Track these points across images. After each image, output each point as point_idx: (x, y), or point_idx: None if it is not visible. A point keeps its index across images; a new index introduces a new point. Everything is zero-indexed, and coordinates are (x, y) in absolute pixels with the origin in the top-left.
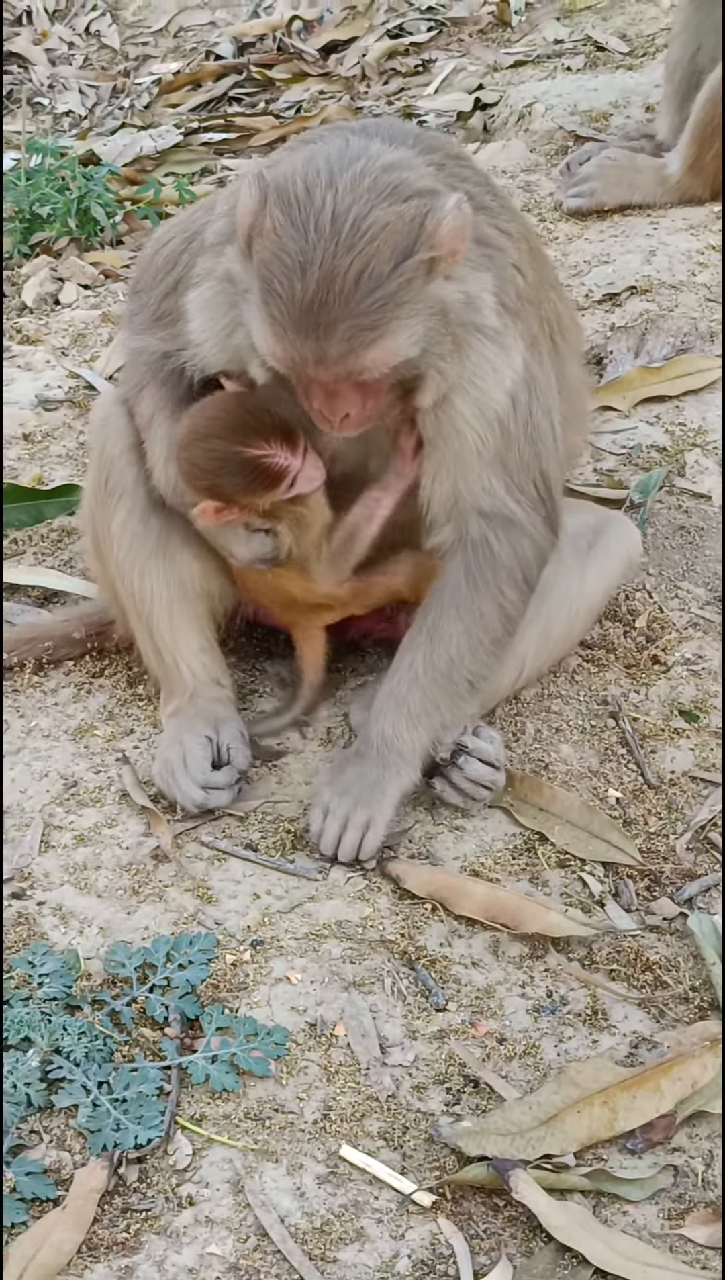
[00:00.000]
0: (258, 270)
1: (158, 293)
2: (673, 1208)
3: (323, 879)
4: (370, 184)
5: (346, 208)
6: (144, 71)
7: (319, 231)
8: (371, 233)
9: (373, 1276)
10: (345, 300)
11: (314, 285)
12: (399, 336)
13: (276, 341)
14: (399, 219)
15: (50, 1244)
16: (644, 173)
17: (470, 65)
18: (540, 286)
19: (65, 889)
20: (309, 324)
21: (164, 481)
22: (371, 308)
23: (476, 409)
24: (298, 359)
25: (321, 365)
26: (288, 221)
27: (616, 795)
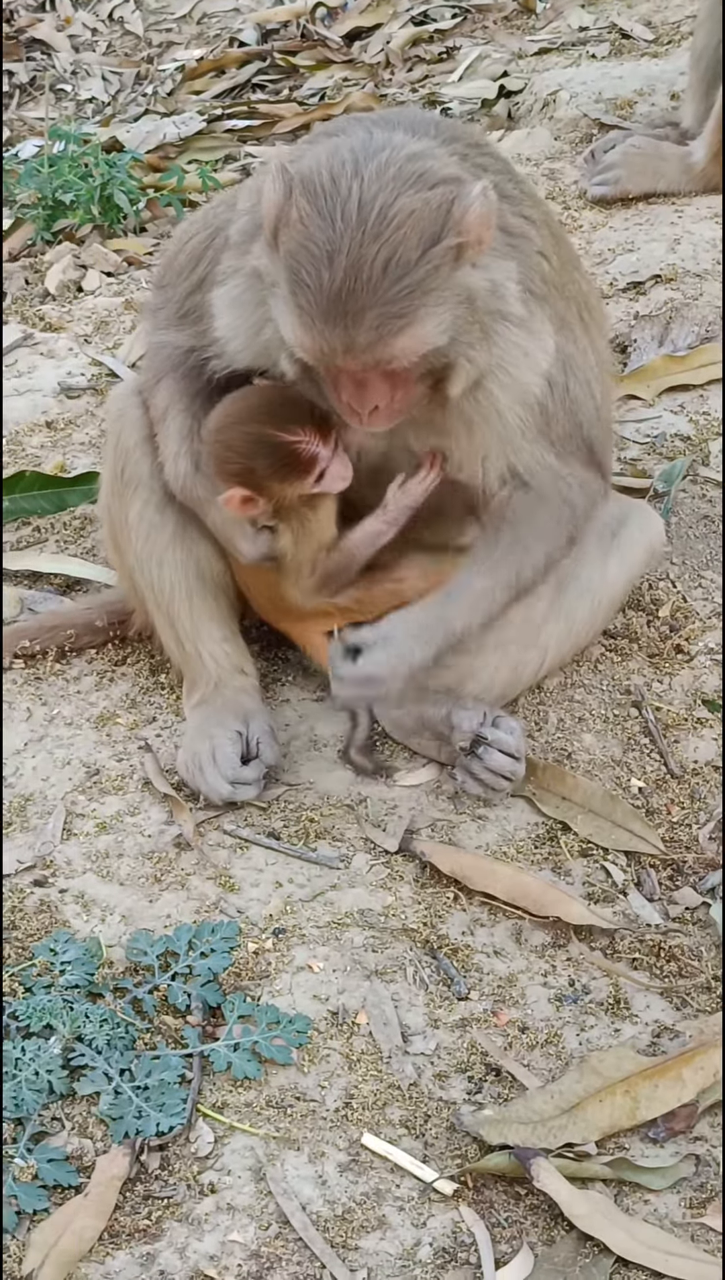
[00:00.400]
0: (285, 261)
1: (182, 289)
2: (694, 1197)
3: (345, 868)
4: (396, 172)
5: (372, 195)
6: (167, 58)
7: (346, 220)
8: (398, 220)
9: (394, 1264)
10: (373, 288)
11: (342, 274)
12: (427, 324)
13: (305, 331)
14: (425, 205)
15: (72, 1231)
16: (669, 161)
17: (495, 52)
18: (564, 270)
19: (87, 877)
20: (337, 313)
21: (174, 475)
22: (399, 295)
23: (513, 394)
24: (326, 349)
25: (350, 354)
26: (314, 211)
27: (639, 785)
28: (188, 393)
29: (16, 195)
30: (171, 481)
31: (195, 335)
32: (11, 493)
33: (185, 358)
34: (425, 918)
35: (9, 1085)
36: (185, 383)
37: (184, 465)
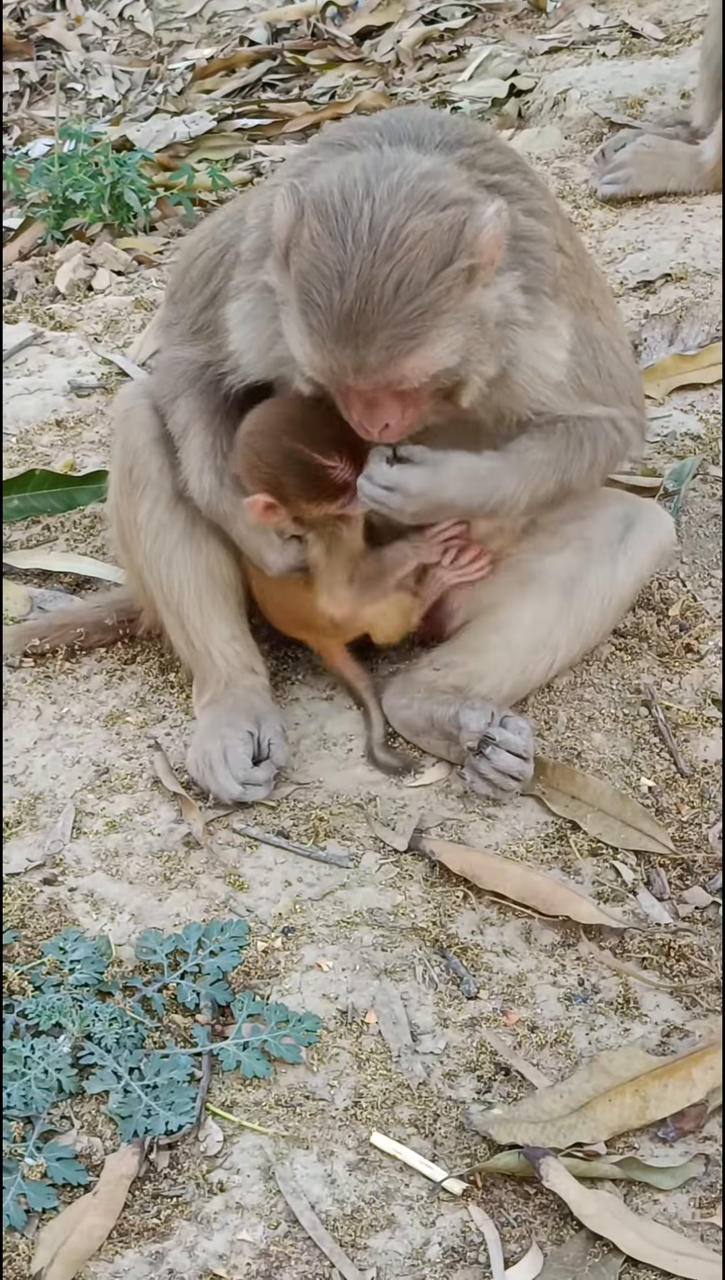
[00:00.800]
0: (296, 281)
1: (195, 305)
2: (704, 1196)
3: (354, 867)
4: (408, 192)
5: (384, 216)
6: (178, 57)
7: (357, 240)
8: (410, 241)
9: (403, 1264)
10: (384, 309)
11: (352, 294)
12: (438, 345)
13: (315, 351)
14: (438, 227)
15: (81, 1230)
16: (679, 159)
17: (505, 51)
18: (580, 255)
19: (97, 875)
20: (348, 333)
21: (199, 491)
22: (411, 316)
23: (538, 383)
24: (337, 368)
25: (361, 374)
26: (325, 231)
27: (649, 784)
28: (207, 409)
29: (27, 194)
30: (196, 498)
31: (210, 350)
32: (21, 491)
33: (201, 372)
34: (434, 917)
35: (19, 1084)
36: (203, 399)
37: (208, 481)
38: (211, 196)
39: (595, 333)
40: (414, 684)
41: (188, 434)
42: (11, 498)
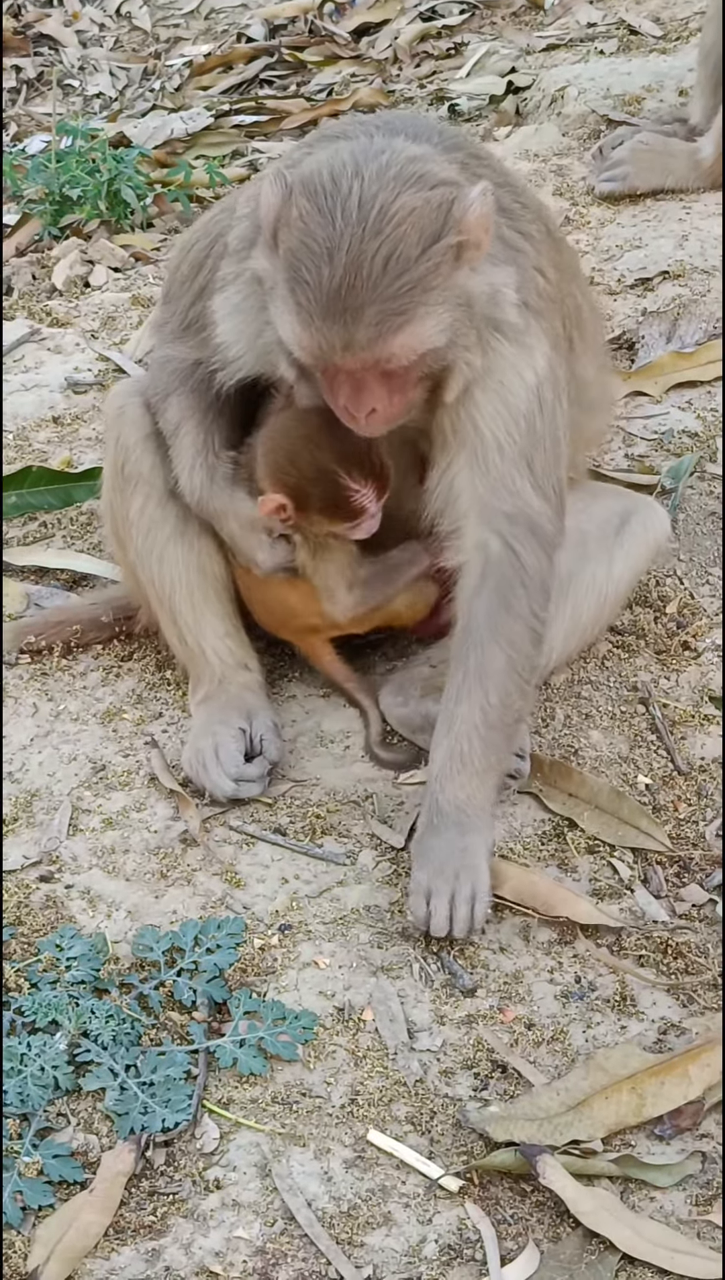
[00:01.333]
0: (285, 259)
1: (185, 300)
2: (700, 1194)
3: (351, 864)
4: (397, 173)
5: (373, 194)
6: (175, 54)
7: (346, 217)
8: (398, 217)
9: (400, 1261)
10: (373, 285)
11: (342, 270)
12: (427, 323)
13: (303, 329)
14: (426, 204)
15: (77, 1227)
16: (677, 157)
17: (503, 48)
18: (562, 283)
19: (93, 872)
20: (336, 309)
21: (189, 489)
22: (399, 292)
23: (500, 405)
24: (325, 345)
25: (349, 351)
26: (314, 209)
27: (646, 781)
28: (199, 407)
29: (24, 190)
30: (186, 495)
31: (199, 345)
32: (19, 488)
33: (193, 370)
34: None
35: (15, 1081)
36: (195, 397)
37: (200, 478)
38: (209, 193)
39: (558, 376)
40: (411, 681)
41: (179, 432)
42: (9, 494)
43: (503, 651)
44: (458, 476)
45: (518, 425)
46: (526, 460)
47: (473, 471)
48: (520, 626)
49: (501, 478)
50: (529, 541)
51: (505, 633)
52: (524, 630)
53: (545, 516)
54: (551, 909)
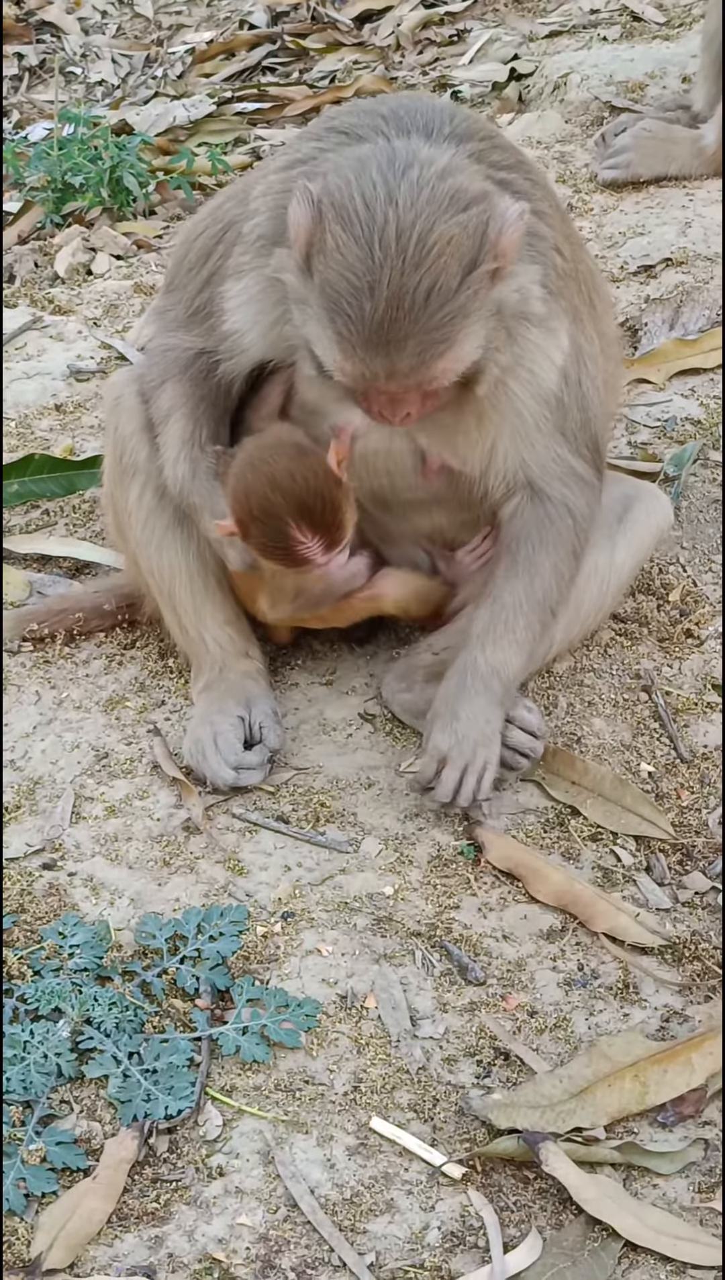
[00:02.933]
0: (321, 288)
1: (192, 287)
2: (703, 1181)
3: (354, 851)
4: (429, 195)
5: (410, 223)
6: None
7: (384, 249)
8: (438, 248)
9: (403, 1248)
10: (415, 317)
11: (383, 304)
12: (466, 345)
13: (345, 358)
14: (463, 231)
15: (80, 1214)
16: (680, 144)
17: (505, 35)
18: (575, 256)
19: (96, 860)
20: (379, 341)
21: (172, 479)
22: (441, 322)
23: (531, 390)
24: (368, 374)
25: (392, 380)
26: (351, 240)
27: (649, 769)
28: (193, 396)
29: (26, 178)
30: (170, 484)
31: (204, 334)
32: (21, 476)
33: (193, 360)
34: (435, 902)
35: (18, 1068)
36: (190, 385)
37: (182, 470)
38: (211, 180)
39: (583, 348)
40: (414, 668)
41: (169, 420)
42: (11, 482)
43: (548, 555)
44: (501, 451)
45: (549, 404)
46: (560, 431)
47: (517, 445)
48: (563, 543)
49: (544, 449)
50: (571, 489)
51: (550, 541)
52: (566, 546)
53: (584, 471)
54: (590, 921)
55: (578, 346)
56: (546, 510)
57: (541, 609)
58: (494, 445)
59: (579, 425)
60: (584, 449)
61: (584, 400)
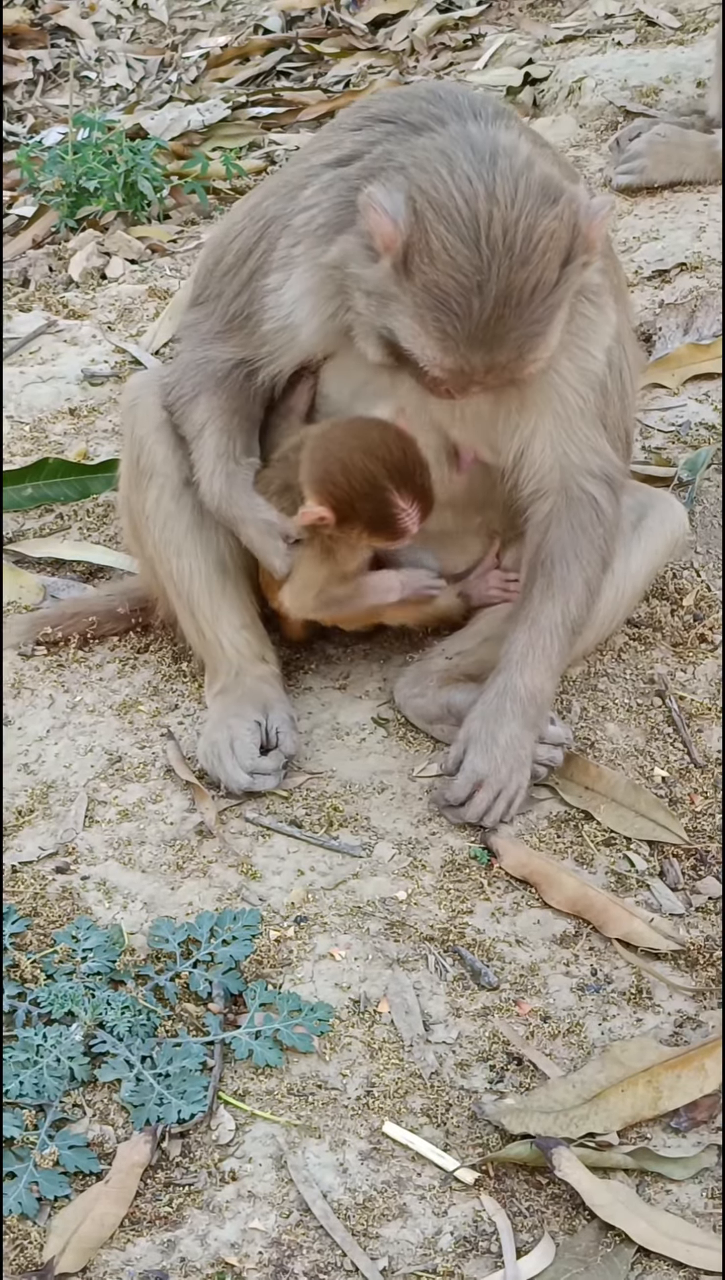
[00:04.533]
0: (424, 288)
1: (230, 292)
2: (716, 1187)
3: (367, 856)
4: (524, 189)
5: (514, 220)
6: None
7: (492, 248)
8: (543, 245)
9: (415, 1253)
10: (519, 313)
11: (493, 303)
12: (556, 334)
13: (446, 355)
14: (560, 224)
15: (93, 1217)
16: (694, 149)
17: (520, 40)
18: (609, 245)
19: (109, 864)
20: (483, 338)
21: (209, 494)
22: (541, 316)
23: (580, 370)
24: (467, 369)
25: (491, 374)
26: (458, 241)
27: (663, 774)
28: (227, 410)
29: (41, 182)
30: (206, 500)
31: (243, 341)
32: (35, 480)
33: (230, 372)
34: (448, 907)
35: (31, 1072)
36: (224, 398)
37: (219, 484)
38: (226, 185)
39: (623, 331)
40: (427, 673)
41: (203, 434)
42: (25, 486)
43: (581, 571)
44: (540, 438)
45: (594, 388)
46: (601, 418)
47: (558, 433)
48: (595, 553)
49: (585, 438)
50: (604, 489)
51: (584, 555)
52: (598, 556)
53: (617, 468)
54: (604, 927)
55: (620, 327)
56: (580, 517)
57: (574, 631)
58: (534, 432)
59: (619, 416)
60: (619, 442)
61: (624, 389)
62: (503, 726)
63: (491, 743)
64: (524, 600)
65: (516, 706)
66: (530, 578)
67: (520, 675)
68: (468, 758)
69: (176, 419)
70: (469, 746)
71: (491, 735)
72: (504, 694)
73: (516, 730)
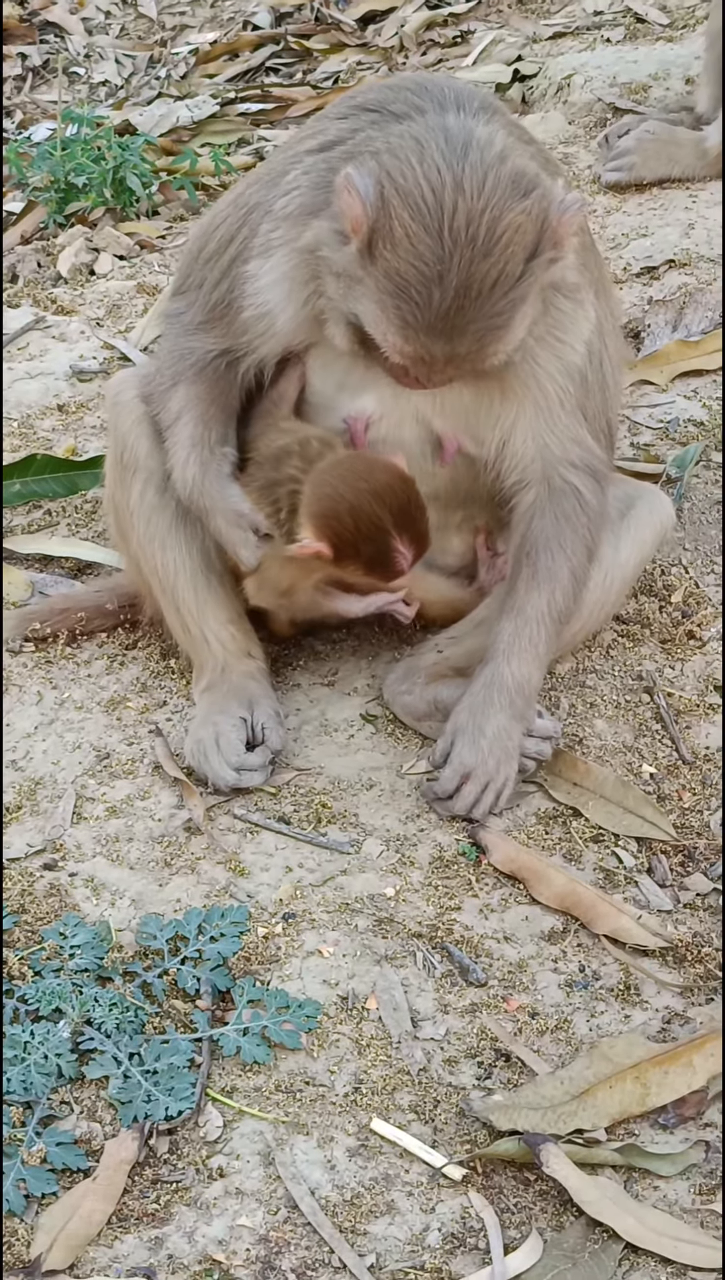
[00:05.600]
0: (387, 274)
1: (211, 280)
2: (704, 1183)
3: (355, 852)
4: (493, 181)
5: (479, 211)
6: (181, 41)
7: (454, 238)
8: (506, 238)
9: (403, 1249)
10: (479, 305)
11: (453, 294)
12: (519, 327)
13: (405, 342)
14: (527, 218)
15: (80, 1214)
16: (683, 146)
17: (509, 36)
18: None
19: (97, 860)
20: (443, 327)
21: (182, 481)
22: (503, 309)
23: (559, 362)
24: (427, 357)
25: (451, 364)
26: (421, 229)
27: (651, 771)
28: (205, 399)
29: (29, 178)
30: (179, 488)
31: (224, 331)
32: (23, 476)
33: (210, 363)
34: (436, 903)
35: (19, 1068)
36: (203, 388)
37: (192, 472)
38: (214, 181)
39: (605, 324)
40: (416, 669)
41: (178, 422)
42: (13, 482)
43: (566, 560)
44: (521, 429)
45: (573, 379)
46: (582, 409)
47: (538, 424)
48: (579, 543)
49: (565, 429)
50: (587, 480)
51: (568, 544)
52: (582, 546)
53: (599, 459)
54: (592, 923)
55: (600, 321)
56: (563, 507)
57: (560, 620)
58: (515, 422)
59: (599, 407)
60: (601, 434)
61: (604, 381)
62: (490, 718)
63: (478, 734)
64: (510, 591)
65: (503, 697)
66: (516, 569)
67: (507, 665)
68: (455, 749)
69: (154, 408)
70: (457, 738)
71: (478, 727)
72: (491, 685)
73: (504, 721)
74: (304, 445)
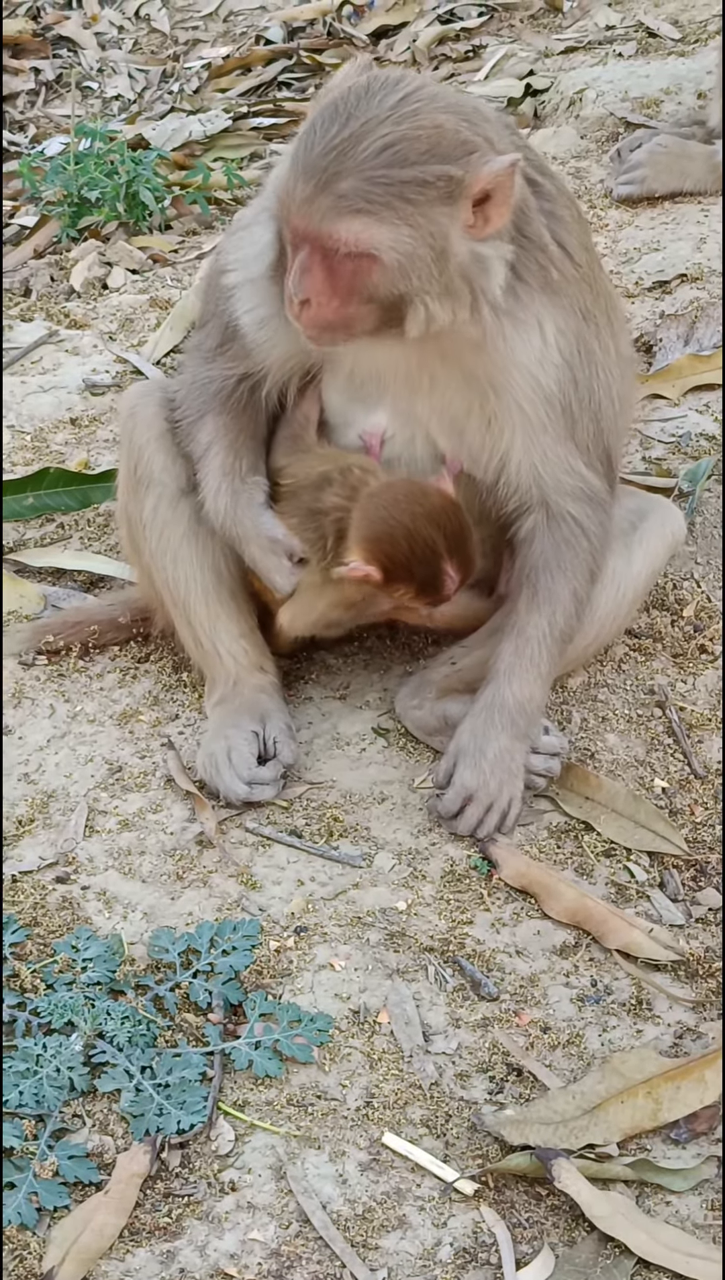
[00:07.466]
0: (303, 130)
1: (223, 307)
2: (716, 1199)
3: (367, 866)
4: (447, 102)
5: (413, 91)
6: (193, 56)
7: (379, 101)
8: (424, 122)
9: (414, 1264)
10: (361, 162)
11: (346, 135)
12: (383, 231)
13: (289, 174)
14: (456, 135)
15: (92, 1228)
16: (695, 160)
17: (521, 51)
18: (591, 265)
19: (110, 874)
20: (321, 167)
21: (214, 511)
22: (377, 181)
23: (526, 387)
24: (292, 195)
25: (305, 207)
26: (363, 83)
27: (663, 785)
28: (232, 428)
29: (42, 192)
30: (211, 517)
31: (238, 355)
32: (36, 489)
33: (234, 389)
34: (448, 917)
35: (31, 1082)
36: (230, 418)
37: (224, 501)
38: (227, 195)
39: (596, 354)
40: (427, 684)
41: (209, 453)
42: (26, 496)
43: (567, 582)
44: (514, 455)
45: (551, 404)
46: (572, 439)
47: (528, 452)
48: (581, 565)
49: (557, 459)
50: (584, 508)
51: (568, 566)
52: (584, 568)
53: (596, 488)
54: (603, 938)
55: (589, 350)
56: (562, 532)
57: (562, 640)
58: (509, 449)
59: (592, 436)
60: (598, 462)
61: (597, 410)
62: (491, 739)
63: (480, 756)
64: (511, 612)
65: (504, 718)
66: (517, 590)
67: (508, 686)
68: (457, 772)
69: (182, 438)
70: (458, 760)
71: (480, 749)
72: (492, 706)
73: (505, 742)
74: (345, 473)
